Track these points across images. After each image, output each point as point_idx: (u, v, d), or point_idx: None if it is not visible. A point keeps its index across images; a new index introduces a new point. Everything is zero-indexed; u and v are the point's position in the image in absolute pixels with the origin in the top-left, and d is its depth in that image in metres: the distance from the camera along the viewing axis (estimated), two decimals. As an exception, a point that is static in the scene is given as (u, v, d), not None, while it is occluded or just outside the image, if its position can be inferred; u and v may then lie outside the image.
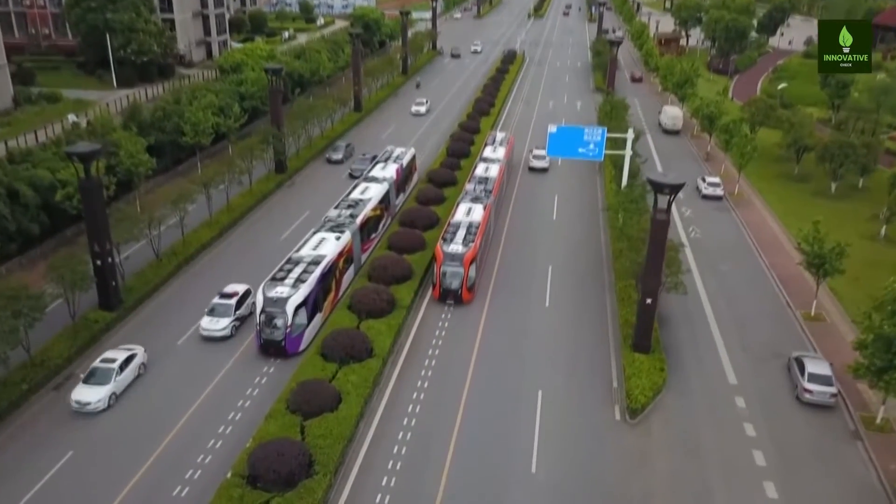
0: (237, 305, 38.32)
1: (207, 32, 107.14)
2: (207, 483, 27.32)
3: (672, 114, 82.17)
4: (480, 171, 54.39)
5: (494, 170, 54.79)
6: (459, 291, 41.39)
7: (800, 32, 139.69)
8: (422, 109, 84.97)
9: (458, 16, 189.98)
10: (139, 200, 50.32)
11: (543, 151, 59.67)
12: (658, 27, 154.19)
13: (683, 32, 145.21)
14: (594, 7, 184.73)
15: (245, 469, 26.59)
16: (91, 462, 28.78)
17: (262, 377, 34.53)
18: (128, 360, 33.41)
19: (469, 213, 45.92)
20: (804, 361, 34.53)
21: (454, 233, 43.42)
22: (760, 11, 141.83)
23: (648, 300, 34.46)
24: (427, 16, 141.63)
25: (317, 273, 37.65)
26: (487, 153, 59.27)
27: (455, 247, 41.82)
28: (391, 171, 53.65)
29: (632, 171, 52.47)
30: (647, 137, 74.45)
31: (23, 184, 43.71)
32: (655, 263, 34.19)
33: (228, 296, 38.72)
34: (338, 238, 41.69)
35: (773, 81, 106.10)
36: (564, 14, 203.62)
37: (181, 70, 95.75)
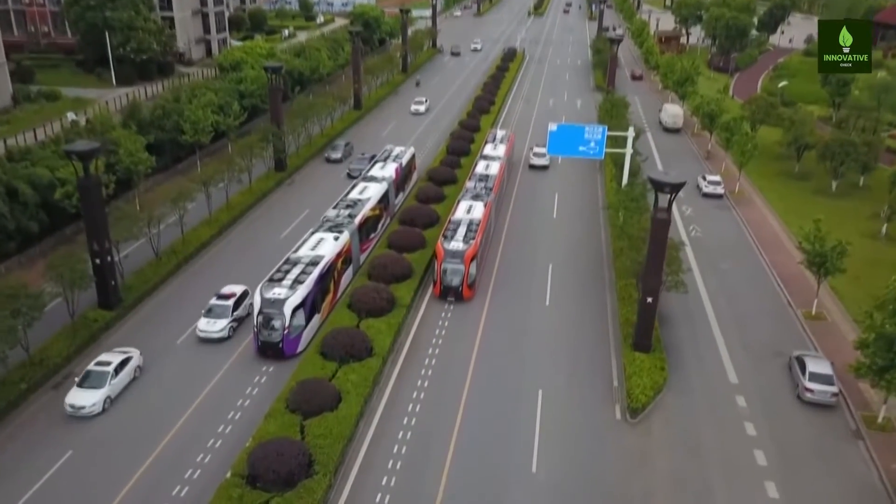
0: (234, 306, 37.99)
1: (207, 30, 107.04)
2: (207, 483, 27.25)
3: (672, 112, 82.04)
4: (481, 169, 54.29)
5: (495, 167, 54.67)
6: (460, 289, 41.37)
7: (800, 30, 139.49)
8: (421, 108, 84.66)
9: (458, 14, 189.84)
10: (138, 199, 50.22)
11: (544, 149, 59.53)
12: (658, 25, 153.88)
13: (684, 30, 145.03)
14: (594, 5, 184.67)
15: (244, 469, 26.50)
16: (90, 462, 28.71)
17: (262, 376, 34.46)
18: (123, 363, 33.00)
19: (470, 211, 45.86)
20: (805, 360, 34.44)
21: (455, 230, 43.40)
22: (761, 9, 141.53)
23: (649, 299, 34.39)
24: (427, 14, 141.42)
25: (315, 274, 37.37)
26: (488, 151, 59.16)
27: (456, 244, 41.80)
28: (390, 171, 53.41)
29: (632, 170, 52.34)
30: (648, 135, 74.31)
31: (22, 182, 43.62)
32: (656, 262, 34.11)
33: (226, 297, 38.40)
34: (336, 238, 41.40)
35: (774, 79, 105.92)
36: (565, 12, 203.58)
37: (181, 68, 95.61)
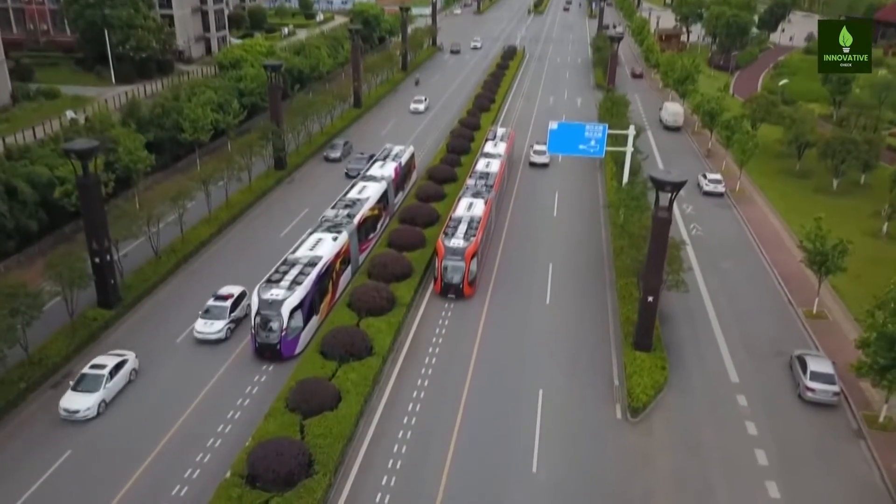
0: (232, 307, 37.57)
1: (206, 28, 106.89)
2: (206, 482, 27.16)
3: (673, 110, 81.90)
4: (481, 167, 54.24)
5: (495, 165, 54.60)
6: (461, 286, 41.34)
7: (801, 28, 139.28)
8: (420, 107, 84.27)
9: (458, 12, 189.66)
10: (138, 197, 50.05)
11: (544, 146, 59.49)
12: (658, 23, 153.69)
13: (684, 28, 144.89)
14: (594, 3, 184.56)
15: (244, 468, 26.41)
16: (90, 461, 28.61)
17: (262, 375, 34.37)
18: (118, 367, 32.55)
19: (470, 208, 45.83)
20: (806, 359, 34.34)
21: (455, 227, 43.38)
22: (761, 7, 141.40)
23: (650, 298, 34.28)
24: (427, 12, 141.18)
25: (313, 275, 36.99)
26: (488, 148, 59.10)
27: (456, 241, 41.78)
28: (389, 170, 53.05)
29: (633, 168, 52.23)
30: (648, 134, 74.18)
31: (21, 181, 43.45)
32: (657, 261, 33.99)
33: (223, 298, 38.00)
34: (335, 239, 41.00)
35: (775, 77, 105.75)
36: (565, 10, 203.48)
37: (180, 66, 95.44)
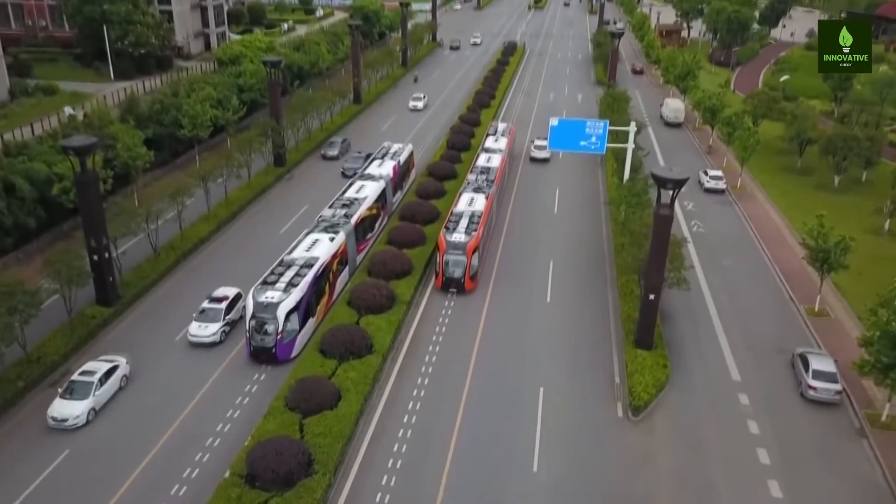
0: (227, 310, 37.05)
1: (206, 24, 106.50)
2: (206, 482, 27.02)
3: (674, 106, 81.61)
4: (482, 162, 54.15)
5: (496, 160, 54.49)
6: (462, 280, 41.32)
7: (802, 24, 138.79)
8: (419, 105, 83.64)
9: (458, 7, 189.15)
10: (137, 194, 49.78)
11: (545, 142, 59.40)
12: (659, 19, 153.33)
13: (685, 24, 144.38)
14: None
15: (243, 468, 26.27)
16: (88, 460, 28.47)
17: (262, 374, 34.19)
18: (109, 373, 31.85)
19: (471, 203, 45.81)
20: (808, 358, 34.19)
21: (457, 222, 43.37)
22: (762, 3, 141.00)
23: (651, 296, 34.10)
24: (427, 7, 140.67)
25: (309, 276, 36.50)
26: (489, 143, 59.01)
27: (458, 236, 41.74)
28: (388, 169, 52.52)
29: (634, 165, 52.01)
30: (649, 130, 73.82)
31: (19, 177, 43.23)
32: (658, 259, 33.79)
33: (218, 300, 37.47)
34: (332, 239, 40.45)
35: (776, 73, 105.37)
36: (565, 5, 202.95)
37: (179, 62, 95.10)
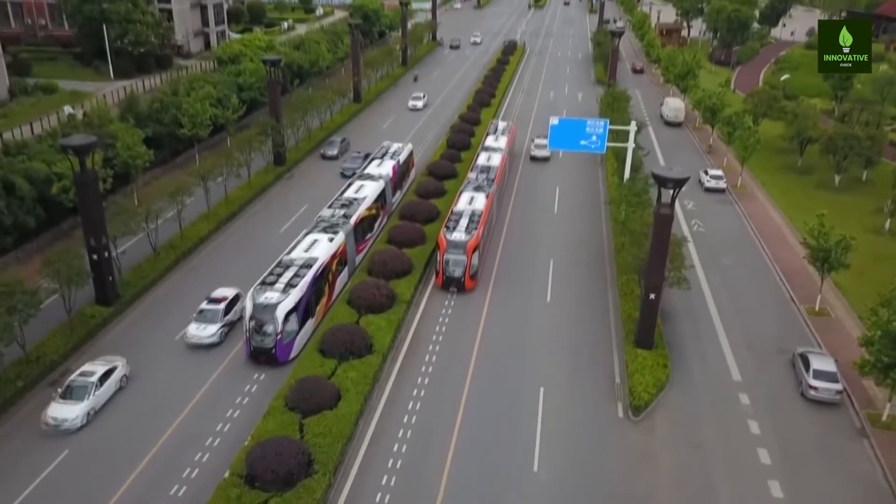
0: (226, 311, 36.88)
1: (205, 23, 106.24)
2: (205, 482, 26.97)
3: (674, 105, 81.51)
4: (483, 160, 54.13)
5: (497, 159, 54.47)
6: (462, 279, 41.32)
7: (802, 23, 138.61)
8: (419, 104, 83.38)
9: (459, 6, 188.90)
10: (136, 193, 49.75)
11: (545, 140, 59.36)
12: (659, 18, 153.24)
13: (685, 23, 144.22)
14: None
15: (243, 468, 26.21)
16: (87, 460, 28.42)
17: (261, 374, 34.12)
18: (107, 374, 31.64)
19: (472, 202, 45.82)
20: (809, 358, 34.14)
21: (457, 221, 43.37)
22: (762, 2, 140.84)
23: (652, 295, 34.05)
24: (427, 6, 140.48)
25: (308, 277, 36.36)
26: (490, 142, 58.97)
27: (458, 235, 41.73)
28: (387, 168, 52.34)
29: (634, 164, 51.93)
30: (649, 129, 73.73)
31: (18, 176, 43.13)
32: (659, 258, 33.73)
33: (217, 300, 37.28)
34: (331, 239, 40.29)
35: (776, 72, 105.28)
36: (565, 4, 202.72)
37: (179, 61, 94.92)
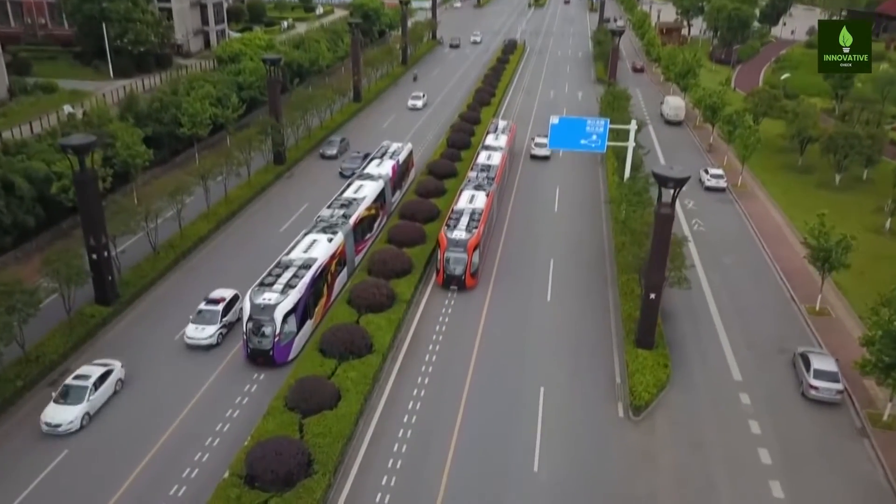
0: (224, 312, 36.66)
1: (205, 22, 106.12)
2: (205, 482, 26.93)
3: (674, 104, 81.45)
4: (483, 159, 54.15)
5: (497, 157, 54.48)
6: (463, 277, 41.34)
7: (802, 22, 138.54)
8: (419, 104, 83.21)
9: (459, 5, 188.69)
10: (136, 192, 49.70)
11: (545, 139, 59.34)
12: (659, 17, 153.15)
13: (685, 22, 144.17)
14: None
15: (243, 468, 26.16)
16: (87, 460, 28.37)
17: (261, 374, 34.07)
18: (103, 377, 31.51)
19: (472, 201, 45.86)
20: (809, 357, 34.07)
21: (458, 219, 43.40)
22: (762, 1, 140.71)
23: (652, 295, 33.98)
24: (427, 5, 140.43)
25: (307, 278, 36.20)
26: (490, 141, 58.98)
27: (458, 233, 41.76)
28: (387, 168, 52.17)
29: (634, 163, 51.86)
30: (650, 128, 73.73)
31: (18, 176, 43.10)
32: (659, 258, 33.65)
33: (215, 301, 37.14)
34: (330, 240, 40.14)
35: (776, 71, 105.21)
36: (565, 3, 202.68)
37: (179, 60, 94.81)
